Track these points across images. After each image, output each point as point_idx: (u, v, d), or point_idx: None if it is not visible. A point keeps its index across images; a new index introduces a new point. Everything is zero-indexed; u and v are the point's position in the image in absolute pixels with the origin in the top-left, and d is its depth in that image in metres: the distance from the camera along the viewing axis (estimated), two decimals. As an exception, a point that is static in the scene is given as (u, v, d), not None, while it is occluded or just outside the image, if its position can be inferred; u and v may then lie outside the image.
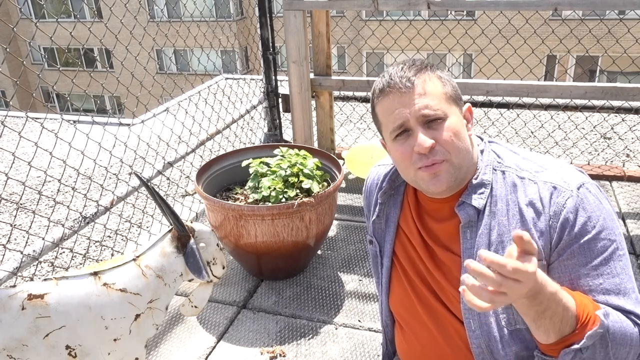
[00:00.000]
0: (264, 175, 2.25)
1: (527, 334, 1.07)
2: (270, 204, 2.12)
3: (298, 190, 2.21)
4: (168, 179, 3.29)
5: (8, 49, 1.81)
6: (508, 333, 1.09)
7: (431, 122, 1.05)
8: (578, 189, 1.04)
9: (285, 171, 2.21)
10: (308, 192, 2.22)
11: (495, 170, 1.12)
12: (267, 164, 2.30)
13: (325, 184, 2.36)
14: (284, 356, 1.93)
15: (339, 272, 2.41)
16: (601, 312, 0.96)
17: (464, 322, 1.13)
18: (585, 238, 1.01)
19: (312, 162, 2.29)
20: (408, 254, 1.24)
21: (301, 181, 2.21)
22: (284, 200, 2.14)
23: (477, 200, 1.09)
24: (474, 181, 1.11)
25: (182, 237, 1.49)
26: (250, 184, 2.27)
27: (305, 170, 2.24)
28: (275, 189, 2.17)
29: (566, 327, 0.95)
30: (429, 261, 1.19)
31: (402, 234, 1.25)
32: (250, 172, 2.29)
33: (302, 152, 2.36)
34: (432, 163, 1.05)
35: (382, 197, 1.27)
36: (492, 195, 1.10)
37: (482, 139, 1.18)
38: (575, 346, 0.94)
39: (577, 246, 1.02)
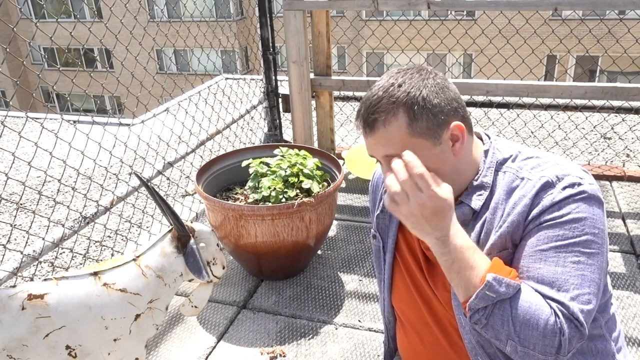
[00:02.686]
0: (264, 175, 2.25)
1: None
2: (270, 204, 2.12)
3: (298, 190, 2.20)
4: (168, 179, 3.29)
5: (8, 49, 1.81)
6: None
7: None
8: (564, 187, 1.00)
9: (285, 171, 2.21)
10: (308, 192, 2.22)
11: (498, 171, 1.11)
12: (267, 164, 2.30)
13: (325, 184, 2.36)
14: (284, 356, 1.93)
15: (339, 272, 2.41)
16: (491, 276, 0.95)
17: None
18: (547, 223, 0.99)
19: (312, 162, 2.29)
20: (412, 250, 1.25)
21: (301, 181, 2.21)
22: (284, 200, 2.14)
23: (475, 201, 1.09)
24: (475, 182, 1.11)
25: (182, 237, 1.49)
26: (250, 184, 2.27)
27: (305, 170, 2.24)
28: (275, 189, 2.16)
29: (471, 286, 0.97)
30: (424, 260, 1.20)
31: (405, 229, 1.26)
32: (250, 172, 2.29)
33: (302, 152, 2.36)
34: None
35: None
36: (491, 198, 1.09)
37: (489, 137, 1.16)
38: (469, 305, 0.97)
39: (536, 229, 1.01)
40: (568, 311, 0.94)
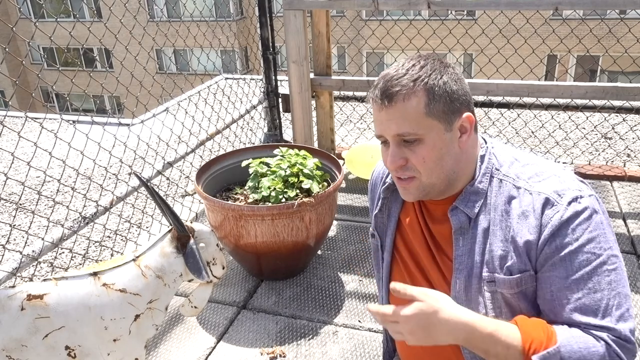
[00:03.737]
0: (263, 175, 2.24)
1: None
2: (270, 204, 2.11)
3: (298, 191, 2.20)
4: (168, 179, 3.29)
5: (7, 49, 1.80)
6: None
7: (407, 142, 1.05)
8: (569, 203, 1.01)
9: (285, 171, 2.21)
10: (308, 192, 2.21)
11: (493, 177, 1.11)
12: (267, 164, 2.30)
13: (326, 184, 2.35)
14: (284, 356, 1.93)
15: (339, 273, 2.40)
16: (538, 357, 0.95)
17: None
18: (567, 250, 1.00)
19: (312, 162, 2.28)
20: (410, 249, 1.25)
21: (301, 181, 2.21)
22: (283, 200, 2.13)
23: (470, 208, 1.10)
24: (470, 187, 1.11)
25: (182, 237, 1.49)
26: (250, 184, 2.27)
27: (305, 171, 2.23)
28: (275, 189, 2.16)
29: None
30: (428, 258, 1.20)
31: (403, 228, 1.26)
32: (250, 172, 2.28)
33: (302, 152, 2.35)
34: (401, 178, 1.09)
35: (384, 192, 1.28)
36: (486, 204, 1.09)
37: (485, 142, 1.16)
38: None
39: (558, 258, 1.01)
40: (619, 335, 0.96)
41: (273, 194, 2.15)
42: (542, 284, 1.04)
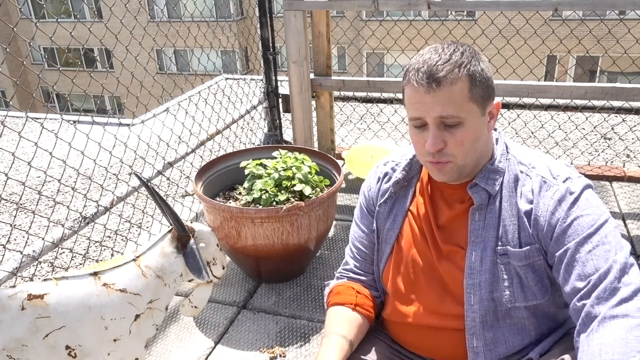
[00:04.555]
0: (260, 177, 2.24)
1: (524, 311, 1.15)
2: (260, 207, 2.10)
3: (291, 195, 2.18)
4: (168, 179, 3.29)
5: (8, 49, 1.81)
6: (505, 310, 1.16)
7: (447, 125, 1.09)
8: (564, 181, 1.12)
9: (279, 174, 2.19)
10: (302, 196, 2.20)
11: (506, 158, 1.19)
12: (265, 166, 2.29)
13: (326, 188, 2.34)
14: (284, 356, 1.93)
15: (339, 273, 2.40)
16: None
17: (464, 297, 1.18)
18: (573, 217, 1.08)
19: (307, 167, 2.26)
20: (415, 238, 1.28)
21: (293, 185, 2.19)
22: (274, 203, 2.12)
23: (491, 186, 1.16)
24: (490, 166, 1.17)
25: (182, 237, 1.49)
26: (246, 184, 2.27)
27: (299, 175, 2.21)
28: (267, 191, 2.15)
29: None
30: (434, 246, 1.23)
31: (410, 221, 1.29)
32: (246, 173, 2.28)
33: (302, 155, 2.33)
34: (438, 162, 1.12)
35: (394, 186, 1.31)
36: (502, 182, 1.17)
37: (495, 129, 1.23)
38: None
39: (567, 225, 1.08)
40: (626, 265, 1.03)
41: (264, 196, 2.14)
42: (556, 248, 1.09)
